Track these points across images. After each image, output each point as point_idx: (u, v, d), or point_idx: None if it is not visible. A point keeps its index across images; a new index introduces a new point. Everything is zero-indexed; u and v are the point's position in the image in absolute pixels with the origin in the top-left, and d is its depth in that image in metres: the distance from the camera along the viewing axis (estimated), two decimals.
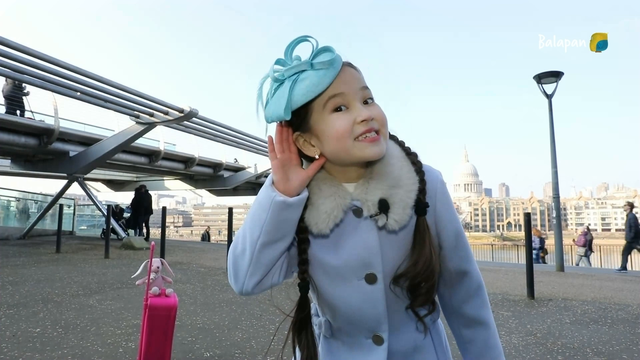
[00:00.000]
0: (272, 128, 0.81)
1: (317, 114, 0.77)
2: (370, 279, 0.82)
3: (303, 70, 0.75)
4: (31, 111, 11.73)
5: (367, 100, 0.79)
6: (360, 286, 0.83)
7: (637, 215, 9.46)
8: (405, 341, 0.87)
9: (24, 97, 11.53)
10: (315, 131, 0.78)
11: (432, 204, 0.83)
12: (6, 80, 11.00)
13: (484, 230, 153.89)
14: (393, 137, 0.88)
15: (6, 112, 10.76)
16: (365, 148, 0.76)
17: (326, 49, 0.75)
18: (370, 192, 0.80)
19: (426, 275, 0.80)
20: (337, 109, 0.77)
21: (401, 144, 0.87)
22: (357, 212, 0.81)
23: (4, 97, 11.19)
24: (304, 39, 0.77)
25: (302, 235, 0.82)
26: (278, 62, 0.78)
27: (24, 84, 10.96)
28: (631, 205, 9.57)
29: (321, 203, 0.81)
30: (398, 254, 0.82)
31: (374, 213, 0.79)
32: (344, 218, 0.81)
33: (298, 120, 0.78)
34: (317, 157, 0.80)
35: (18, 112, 11.29)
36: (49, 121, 11.10)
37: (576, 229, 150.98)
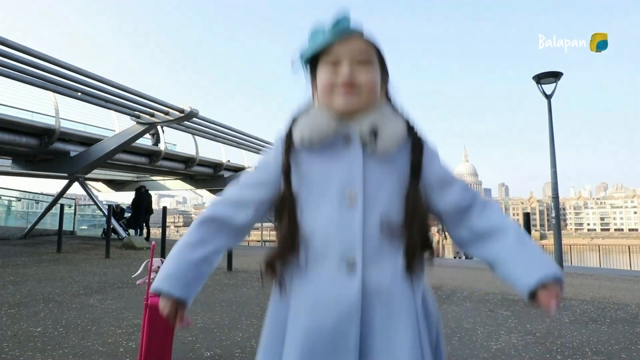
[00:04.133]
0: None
1: (319, 68, 0.94)
2: (351, 200, 0.87)
3: (321, 33, 0.92)
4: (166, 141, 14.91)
5: (362, 63, 0.91)
6: (341, 207, 0.87)
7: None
8: (380, 275, 0.85)
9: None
10: (316, 81, 0.96)
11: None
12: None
13: None
14: (390, 102, 1.00)
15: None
16: (336, 97, 0.91)
17: (341, 19, 0.91)
18: (363, 124, 0.91)
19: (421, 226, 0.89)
20: (332, 64, 0.92)
21: (394, 107, 0.99)
22: (347, 139, 0.91)
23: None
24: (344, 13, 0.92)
25: (288, 144, 0.93)
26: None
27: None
28: None
29: (319, 119, 0.92)
30: (382, 183, 0.89)
31: (364, 134, 0.90)
32: (335, 141, 0.91)
33: (313, 72, 0.97)
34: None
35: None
36: (50, 121, 11.11)
37: (575, 229, 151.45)
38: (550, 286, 0.84)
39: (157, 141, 15.01)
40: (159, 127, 13.87)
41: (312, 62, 0.96)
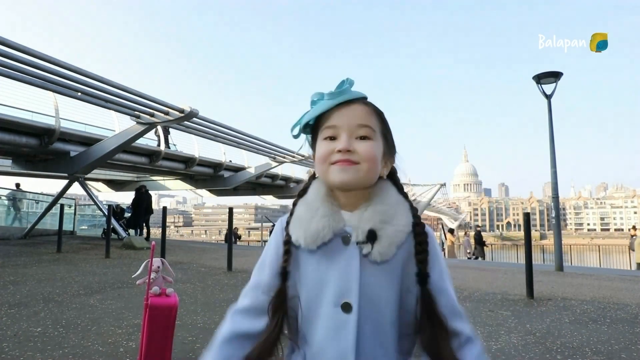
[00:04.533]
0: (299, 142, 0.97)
1: (318, 139, 0.90)
2: (346, 307, 0.84)
3: (320, 100, 0.88)
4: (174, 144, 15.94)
5: (362, 137, 0.86)
6: (336, 313, 0.84)
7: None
8: None
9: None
10: (315, 154, 0.91)
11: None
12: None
13: (484, 230, 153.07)
14: (393, 176, 0.95)
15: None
16: (333, 172, 0.86)
17: (343, 85, 0.88)
18: (362, 221, 0.85)
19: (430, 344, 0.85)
20: (330, 138, 0.87)
21: (398, 186, 0.93)
22: (346, 239, 0.86)
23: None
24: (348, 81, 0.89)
25: (287, 247, 0.89)
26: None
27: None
28: None
29: (315, 222, 0.87)
30: (379, 288, 0.85)
31: (361, 240, 0.84)
32: (332, 241, 0.86)
33: (313, 144, 0.93)
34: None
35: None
36: (50, 121, 11.11)
37: (575, 229, 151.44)
38: None
39: (166, 142, 15.25)
40: (159, 128, 14.01)
41: (314, 130, 0.91)
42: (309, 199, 0.91)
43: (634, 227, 13.68)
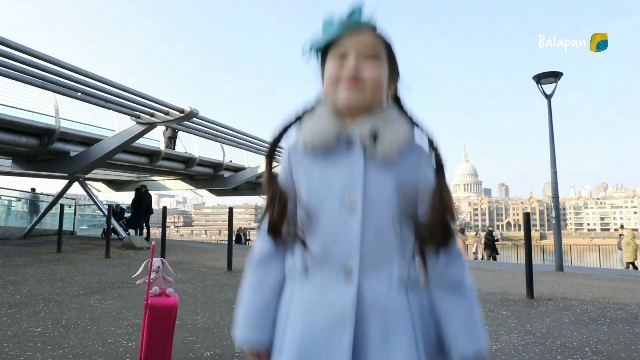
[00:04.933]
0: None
1: (327, 60, 0.92)
2: (351, 205, 0.87)
3: (331, 26, 0.90)
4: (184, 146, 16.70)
5: (369, 60, 0.89)
6: (341, 213, 0.87)
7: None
8: (376, 286, 0.86)
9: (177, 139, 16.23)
10: (324, 74, 0.94)
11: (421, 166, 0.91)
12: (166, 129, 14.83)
13: (484, 230, 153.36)
14: (398, 101, 0.98)
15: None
16: (340, 92, 0.89)
17: (353, 11, 0.89)
18: (364, 125, 0.89)
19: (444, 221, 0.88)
20: (339, 58, 0.90)
21: (405, 112, 0.96)
22: (350, 143, 0.90)
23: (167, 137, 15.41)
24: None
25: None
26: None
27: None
28: None
29: (322, 123, 0.91)
30: (381, 189, 0.88)
31: (364, 136, 0.88)
32: (337, 145, 0.90)
33: (322, 64, 0.94)
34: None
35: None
36: (50, 121, 11.12)
37: (575, 229, 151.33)
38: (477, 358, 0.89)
39: (173, 145, 15.87)
40: (166, 130, 14.50)
41: (323, 54, 0.94)
42: (316, 114, 0.94)
43: (621, 227, 13.69)
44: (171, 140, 15.68)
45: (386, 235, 0.87)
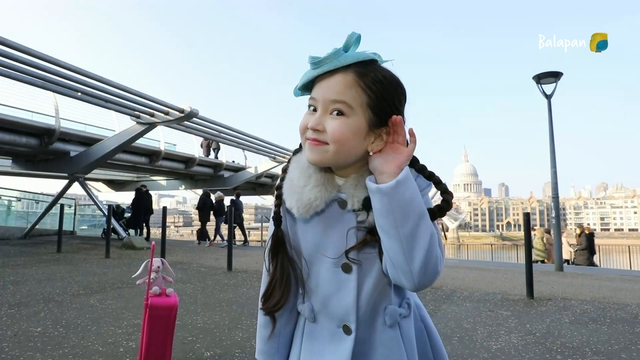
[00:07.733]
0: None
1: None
2: (346, 268, 0.87)
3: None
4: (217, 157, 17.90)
5: (334, 112, 0.79)
6: (337, 273, 0.87)
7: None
8: (373, 333, 0.89)
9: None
10: None
11: None
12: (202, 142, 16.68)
13: (484, 230, 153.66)
14: (414, 162, 0.87)
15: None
16: (305, 149, 0.84)
17: (334, 51, 0.80)
18: (358, 189, 0.83)
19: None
20: (312, 109, 0.83)
21: (417, 167, 0.87)
22: (342, 203, 0.86)
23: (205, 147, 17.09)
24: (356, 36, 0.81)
25: (279, 192, 0.91)
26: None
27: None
28: None
29: (307, 191, 0.85)
30: (375, 246, 0.86)
31: (357, 208, 0.83)
32: (327, 208, 0.86)
33: None
34: None
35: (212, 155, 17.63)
36: (50, 121, 11.11)
37: (575, 229, 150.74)
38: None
39: (216, 154, 17.64)
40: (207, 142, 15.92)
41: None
42: (303, 160, 0.88)
43: (581, 226, 13.26)
44: (215, 150, 17.48)
45: (381, 285, 0.88)
